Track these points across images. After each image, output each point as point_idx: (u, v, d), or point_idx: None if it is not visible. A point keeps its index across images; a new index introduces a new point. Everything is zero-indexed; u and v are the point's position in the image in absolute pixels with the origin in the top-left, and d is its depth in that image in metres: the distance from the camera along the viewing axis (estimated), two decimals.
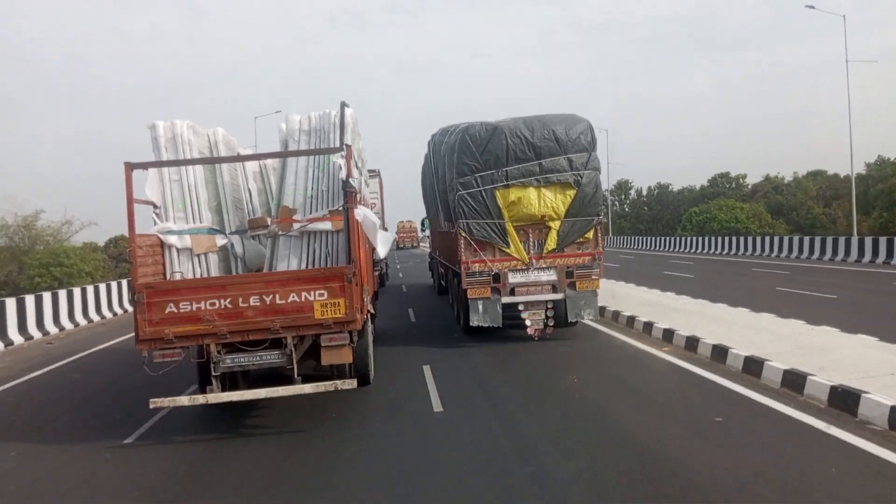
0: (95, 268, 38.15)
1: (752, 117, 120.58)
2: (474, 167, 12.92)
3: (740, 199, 56.77)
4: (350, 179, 8.64)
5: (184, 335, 8.29)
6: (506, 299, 13.09)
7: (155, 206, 9.26)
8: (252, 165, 11.69)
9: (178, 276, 9.12)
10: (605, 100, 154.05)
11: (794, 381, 8.80)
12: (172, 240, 9.21)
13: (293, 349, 8.55)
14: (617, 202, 72.47)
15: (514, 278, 13.06)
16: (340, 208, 8.99)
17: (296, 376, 8.62)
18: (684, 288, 20.32)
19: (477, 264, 13.03)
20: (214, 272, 9.62)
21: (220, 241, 9.77)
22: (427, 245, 34.90)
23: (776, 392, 8.76)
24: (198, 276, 9.39)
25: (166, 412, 9.21)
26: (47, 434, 9.06)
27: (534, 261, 13.03)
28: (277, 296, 8.37)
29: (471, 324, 13.20)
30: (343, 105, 9.20)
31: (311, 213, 9.52)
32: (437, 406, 9.09)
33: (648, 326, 13.68)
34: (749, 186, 65.18)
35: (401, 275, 30.78)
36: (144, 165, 8.67)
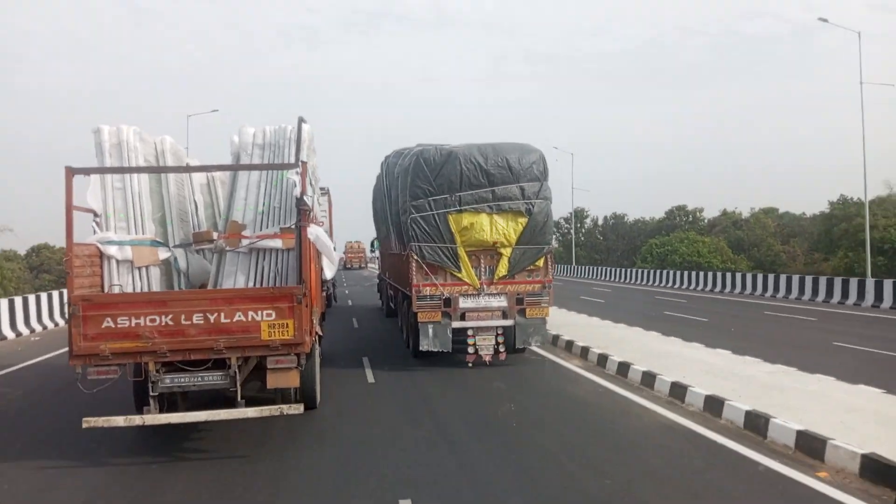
0: (9, 279, 35.82)
1: (702, 152, 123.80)
2: (428, 191, 12.87)
3: (698, 234, 55.36)
4: (304, 197, 8.39)
5: (121, 352, 7.85)
6: (456, 324, 12.99)
7: (95, 215, 8.80)
8: (199, 177, 11.28)
9: (116, 290, 8.66)
10: (559, 129, 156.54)
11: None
12: (112, 251, 8.76)
13: (237, 371, 8.19)
14: (572, 230, 71.18)
15: (465, 303, 13.02)
16: (293, 226, 8.70)
17: (239, 399, 8.25)
18: (710, 338, 16.01)
19: (428, 288, 12.95)
20: (156, 287, 9.18)
21: (163, 254, 9.35)
22: (375, 266, 34.57)
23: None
24: (138, 290, 8.95)
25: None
26: None
27: (485, 286, 13.02)
28: (223, 314, 8.02)
29: (420, 348, 13.07)
30: (301, 120, 8.97)
31: (261, 229, 9.21)
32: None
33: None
34: (705, 221, 63.90)
35: (350, 302, 30.01)
36: (87, 171, 8.24)
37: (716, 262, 48.12)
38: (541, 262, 13.26)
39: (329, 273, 12.87)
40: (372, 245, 28.24)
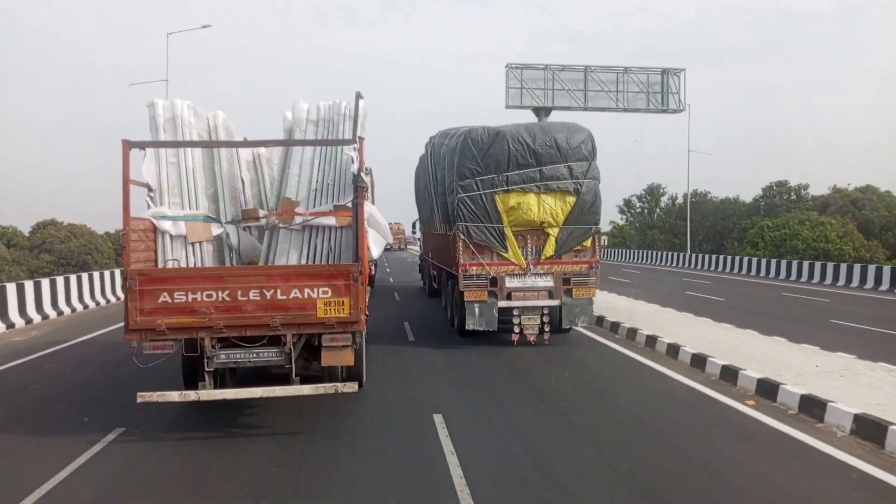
0: None
1: (750, 131, 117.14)
2: (475, 171, 12.82)
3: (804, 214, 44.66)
4: (362, 174, 8.24)
5: (177, 327, 7.79)
6: (502, 303, 13.00)
7: (150, 189, 8.73)
8: (245, 154, 11.17)
9: (171, 265, 8.60)
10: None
11: None
12: (166, 225, 8.69)
13: (292, 347, 8.10)
14: (646, 209, 65.57)
15: (511, 283, 13.01)
16: (348, 203, 8.57)
17: (294, 376, 8.16)
18: None
19: (475, 267, 12.93)
20: (208, 263, 9.13)
21: (216, 230, 9.28)
22: (415, 247, 34.75)
23: None
24: (191, 265, 8.89)
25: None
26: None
27: (531, 266, 12.97)
28: (279, 291, 7.92)
29: (466, 327, 13.09)
30: (358, 95, 8.80)
31: (314, 206, 9.08)
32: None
33: None
34: (810, 199, 53.34)
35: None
36: (143, 145, 8.16)
37: (847, 249, 39.03)
38: (588, 243, 13.17)
39: (376, 252, 12.76)
40: (413, 227, 28.15)
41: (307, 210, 9.04)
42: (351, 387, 8.18)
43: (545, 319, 13.02)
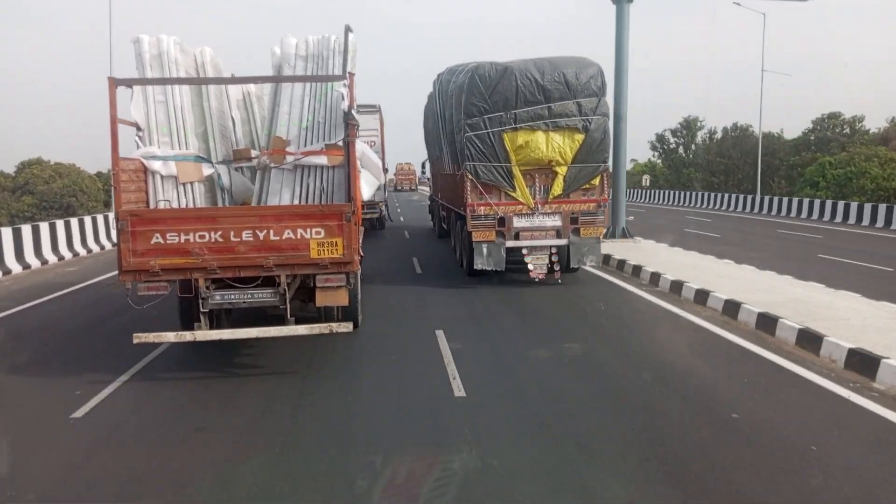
0: None
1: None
2: (483, 108, 12.73)
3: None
4: (352, 111, 8.10)
5: (171, 268, 7.78)
6: (510, 243, 13.10)
7: (138, 129, 8.58)
8: (235, 92, 10.92)
9: (163, 206, 8.53)
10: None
11: None
12: (157, 166, 8.58)
13: (286, 288, 8.12)
14: (681, 145, 58.70)
15: (518, 222, 13.07)
16: (340, 142, 8.46)
17: (289, 317, 8.20)
18: None
19: (483, 207, 12.99)
20: (200, 203, 9.04)
21: (207, 170, 9.17)
22: (426, 188, 34.76)
23: None
24: (183, 206, 8.81)
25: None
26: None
27: (539, 206, 13.02)
28: (272, 231, 7.89)
29: (475, 267, 13.23)
30: (347, 29, 8.57)
31: (305, 145, 8.96)
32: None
33: None
34: (868, 132, 46.78)
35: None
36: (130, 82, 8.00)
37: None
38: (596, 181, 13.17)
39: (367, 193, 12.67)
40: (423, 167, 28.00)
41: (298, 149, 8.92)
42: (346, 327, 8.24)
43: (554, 259, 13.14)
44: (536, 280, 13.07)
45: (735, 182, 49.00)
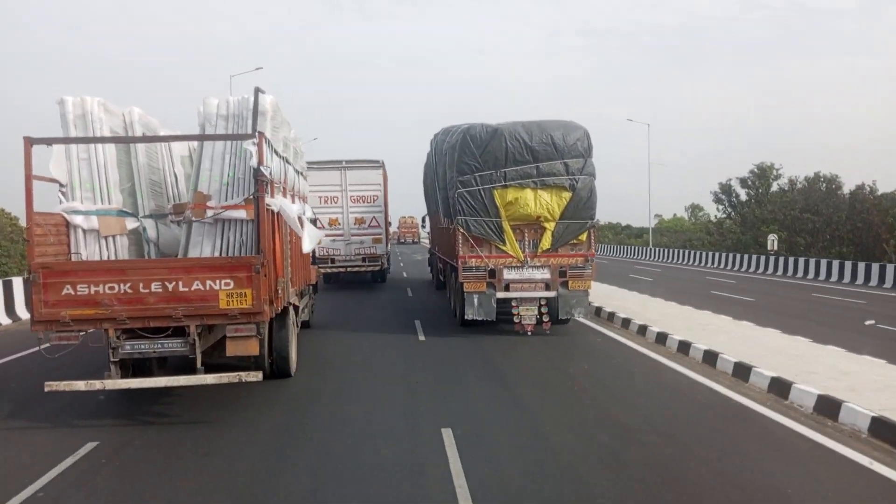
0: None
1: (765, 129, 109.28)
2: (474, 167, 13.38)
3: None
4: (262, 168, 8.45)
5: (81, 318, 8.06)
6: (500, 294, 13.55)
7: (61, 185, 8.95)
8: (180, 149, 11.42)
9: (75, 258, 8.84)
10: (615, 105, 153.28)
11: None
12: (78, 220, 8.91)
13: (196, 338, 8.35)
14: (753, 198, 48.55)
15: (509, 274, 13.57)
16: (251, 196, 8.79)
17: (199, 366, 8.41)
18: None
19: (474, 259, 13.53)
20: (123, 256, 9.36)
21: (131, 224, 9.52)
22: (428, 241, 35.56)
23: None
24: (105, 258, 9.12)
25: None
26: None
27: (528, 259, 13.53)
28: (181, 283, 8.18)
29: (466, 317, 13.70)
30: (257, 90, 9.00)
31: (226, 200, 9.29)
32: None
33: None
34: None
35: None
36: (45, 141, 8.37)
37: None
38: (584, 237, 13.71)
39: (308, 246, 13.02)
40: (423, 221, 28.89)
41: (219, 203, 9.26)
42: (255, 375, 8.44)
43: (543, 310, 13.52)
44: (528, 333, 13.43)
45: (823, 244, 39.09)
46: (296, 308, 11.58)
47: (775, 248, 37.32)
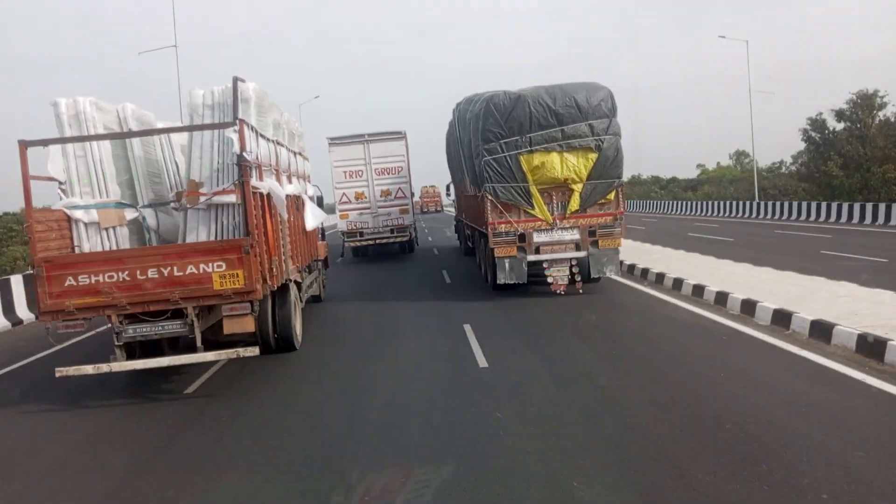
0: None
1: None
2: (499, 134, 13.59)
3: None
4: (244, 153, 8.82)
5: (84, 307, 8.57)
6: (531, 257, 13.88)
7: (60, 183, 9.44)
8: (180, 140, 11.83)
9: (77, 251, 9.35)
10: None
11: None
12: (79, 214, 9.41)
13: (194, 318, 8.82)
14: (855, 131, 38.99)
15: (538, 238, 13.85)
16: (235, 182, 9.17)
17: (199, 344, 8.90)
18: None
19: (503, 225, 13.79)
20: (125, 245, 9.84)
21: (130, 214, 9.99)
22: (452, 209, 35.95)
23: None
24: (108, 249, 9.61)
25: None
26: None
27: (557, 221, 13.78)
28: (176, 268, 8.63)
29: (498, 281, 14.04)
30: (236, 80, 9.31)
31: (217, 185, 9.69)
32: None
33: None
34: None
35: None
36: (39, 143, 8.84)
37: None
38: (612, 196, 13.90)
39: (312, 223, 13.43)
40: (447, 189, 29.16)
41: (210, 190, 9.66)
42: (252, 351, 8.91)
43: (574, 270, 13.87)
44: (559, 293, 13.76)
45: None
46: (298, 284, 12.02)
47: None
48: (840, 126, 40.43)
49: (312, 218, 13.27)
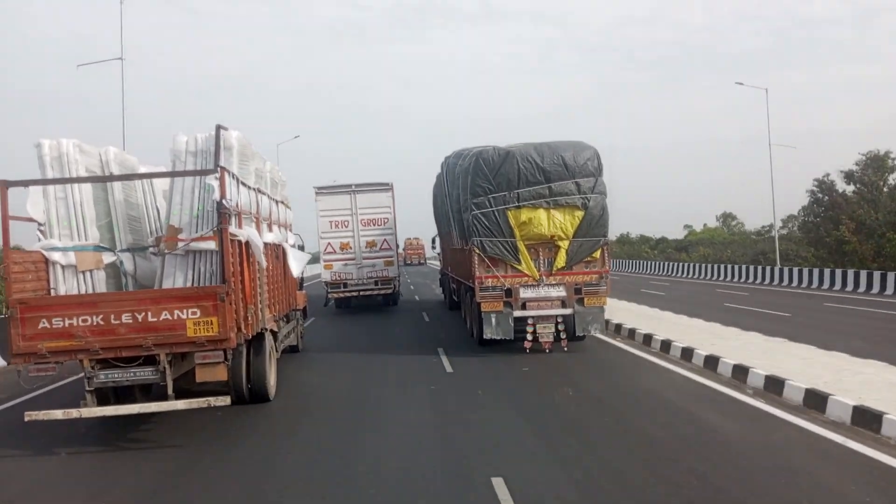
0: None
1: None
2: (488, 188, 13.82)
3: None
4: (224, 201, 8.91)
5: (57, 350, 8.52)
6: (517, 313, 13.87)
7: (39, 224, 9.45)
8: (162, 185, 11.88)
9: (53, 293, 9.32)
10: (612, 121, 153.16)
11: None
12: (56, 256, 9.37)
13: (167, 365, 8.78)
14: (866, 194, 37.25)
15: (525, 293, 13.88)
16: (215, 229, 9.23)
17: (170, 392, 8.84)
18: None
19: (490, 279, 13.86)
20: (101, 289, 9.81)
21: (108, 258, 9.99)
22: (436, 262, 35.51)
23: None
24: (83, 292, 9.58)
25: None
26: None
27: (544, 277, 13.84)
28: (150, 313, 8.63)
29: (484, 336, 14.01)
30: (219, 127, 9.47)
31: (197, 232, 9.74)
32: None
33: None
34: None
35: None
36: (21, 183, 8.88)
37: None
38: (598, 254, 14.06)
39: (296, 270, 13.50)
40: (433, 242, 29.21)
41: (190, 236, 9.71)
42: (223, 400, 8.85)
43: (560, 327, 13.87)
44: (548, 350, 13.76)
45: None
46: (274, 334, 11.99)
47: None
48: (850, 188, 38.58)
49: (295, 262, 13.34)
